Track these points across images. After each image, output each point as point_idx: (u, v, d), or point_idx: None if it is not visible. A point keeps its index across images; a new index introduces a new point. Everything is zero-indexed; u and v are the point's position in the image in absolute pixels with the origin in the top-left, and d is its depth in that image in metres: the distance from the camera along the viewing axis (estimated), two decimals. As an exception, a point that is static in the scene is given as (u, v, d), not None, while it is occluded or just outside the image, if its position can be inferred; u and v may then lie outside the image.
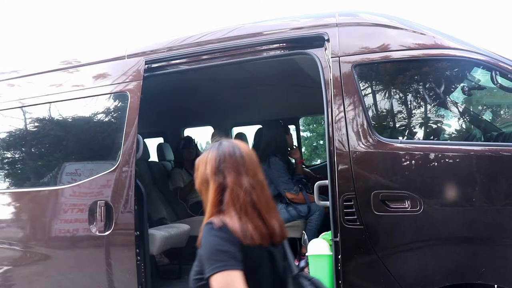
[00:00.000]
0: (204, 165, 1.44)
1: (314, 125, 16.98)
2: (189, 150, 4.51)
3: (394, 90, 2.45)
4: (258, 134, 3.93)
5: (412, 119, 2.41)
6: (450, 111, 2.48)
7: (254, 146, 3.92)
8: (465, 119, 2.60)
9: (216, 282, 1.26)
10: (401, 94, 2.48)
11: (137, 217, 2.52)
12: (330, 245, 2.33)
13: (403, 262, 2.14)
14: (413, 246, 2.12)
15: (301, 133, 6.80)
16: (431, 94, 2.42)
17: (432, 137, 2.47)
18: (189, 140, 4.62)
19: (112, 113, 2.82)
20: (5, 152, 3.24)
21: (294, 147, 4.01)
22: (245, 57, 2.57)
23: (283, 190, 3.58)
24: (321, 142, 16.17)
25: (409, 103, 2.45)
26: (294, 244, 3.71)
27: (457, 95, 2.49)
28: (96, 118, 2.89)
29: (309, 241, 2.50)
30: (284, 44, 2.49)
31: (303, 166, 4.48)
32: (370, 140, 2.17)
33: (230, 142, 1.47)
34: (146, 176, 4.10)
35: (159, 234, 3.23)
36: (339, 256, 2.16)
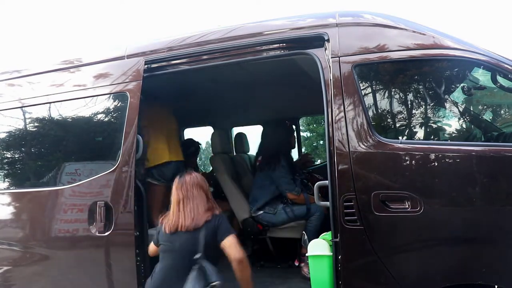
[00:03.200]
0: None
1: (314, 125, 16.97)
2: (196, 158, 4.84)
3: (394, 90, 2.45)
4: (263, 133, 3.97)
5: (412, 119, 2.41)
6: (450, 111, 2.47)
7: (260, 146, 3.95)
8: (465, 119, 2.60)
9: None
10: (401, 94, 2.47)
11: (137, 218, 2.52)
12: (330, 245, 2.33)
13: (404, 262, 2.14)
14: (413, 247, 2.11)
15: (301, 133, 6.80)
16: (431, 94, 2.42)
17: (432, 138, 2.47)
18: (198, 148, 4.78)
19: (112, 113, 2.82)
20: (5, 152, 3.24)
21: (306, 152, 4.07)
22: (245, 57, 2.57)
23: (284, 191, 3.58)
24: (321, 142, 16.16)
25: (409, 103, 2.45)
26: (294, 244, 3.70)
27: (457, 95, 2.48)
28: (96, 118, 2.89)
29: (309, 242, 2.50)
30: (284, 44, 2.49)
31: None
32: (370, 140, 2.16)
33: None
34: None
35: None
36: (339, 257, 2.16)
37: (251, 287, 2.40)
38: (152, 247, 2.54)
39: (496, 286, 2.08)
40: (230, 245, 2.31)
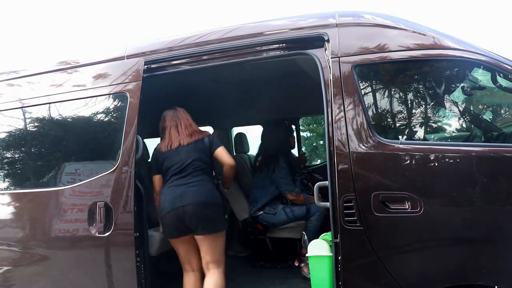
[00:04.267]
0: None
1: (314, 125, 16.95)
2: None
3: (394, 90, 2.45)
4: (263, 134, 3.97)
5: (412, 119, 2.41)
6: (450, 111, 2.48)
7: (260, 146, 3.95)
8: (465, 119, 2.60)
9: None
10: (401, 95, 2.47)
11: (137, 218, 2.52)
12: (330, 246, 2.33)
13: (404, 263, 2.14)
14: (414, 247, 2.11)
15: (301, 133, 6.80)
16: (431, 94, 2.42)
17: (432, 138, 2.47)
18: None
19: (112, 113, 2.82)
20: (5, 152, 3.24)
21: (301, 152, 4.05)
22: (245, 58, 2.57)
23: (284, 191, 3.58)
24: (321, 142, 16.14)
25: (409, 103, 2.45)
26: (294, 244, 3.71)
27: (457, 96, 2.48)
28: (96, 119, 2.88)
29: (309, 242, 2.50)
30: (284, 44, 2.49)
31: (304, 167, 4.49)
32: (370, 140, 2.16)
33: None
34: (146, 176, 4.09)
35: (158, 235, 3.22)
36: (339, 257, 2.16)
37: (229, 182, 3.05)
38: (157, 178, 2.86)
39: (496, 287, 2.08)
40: (223, 154, 2.83)
